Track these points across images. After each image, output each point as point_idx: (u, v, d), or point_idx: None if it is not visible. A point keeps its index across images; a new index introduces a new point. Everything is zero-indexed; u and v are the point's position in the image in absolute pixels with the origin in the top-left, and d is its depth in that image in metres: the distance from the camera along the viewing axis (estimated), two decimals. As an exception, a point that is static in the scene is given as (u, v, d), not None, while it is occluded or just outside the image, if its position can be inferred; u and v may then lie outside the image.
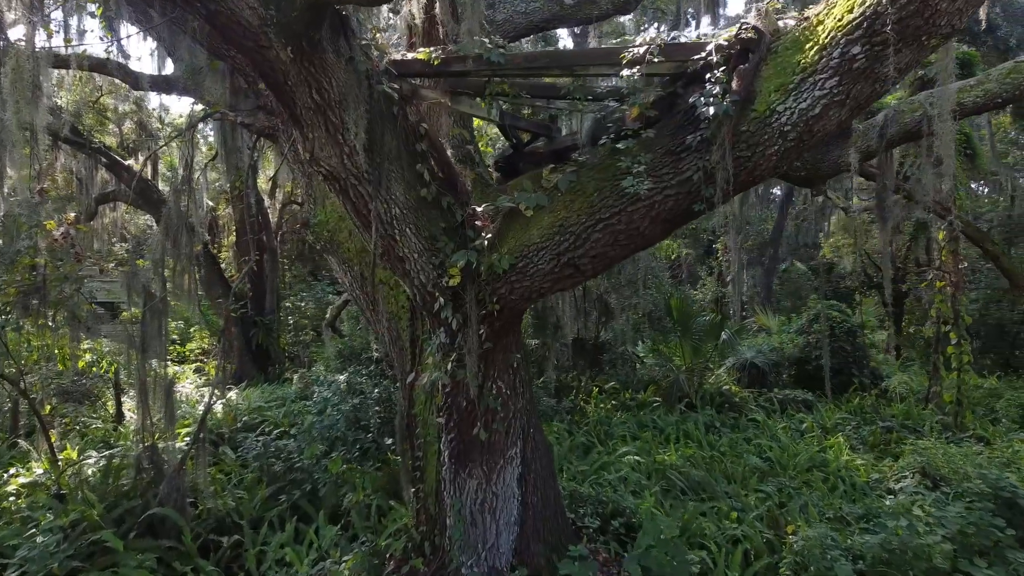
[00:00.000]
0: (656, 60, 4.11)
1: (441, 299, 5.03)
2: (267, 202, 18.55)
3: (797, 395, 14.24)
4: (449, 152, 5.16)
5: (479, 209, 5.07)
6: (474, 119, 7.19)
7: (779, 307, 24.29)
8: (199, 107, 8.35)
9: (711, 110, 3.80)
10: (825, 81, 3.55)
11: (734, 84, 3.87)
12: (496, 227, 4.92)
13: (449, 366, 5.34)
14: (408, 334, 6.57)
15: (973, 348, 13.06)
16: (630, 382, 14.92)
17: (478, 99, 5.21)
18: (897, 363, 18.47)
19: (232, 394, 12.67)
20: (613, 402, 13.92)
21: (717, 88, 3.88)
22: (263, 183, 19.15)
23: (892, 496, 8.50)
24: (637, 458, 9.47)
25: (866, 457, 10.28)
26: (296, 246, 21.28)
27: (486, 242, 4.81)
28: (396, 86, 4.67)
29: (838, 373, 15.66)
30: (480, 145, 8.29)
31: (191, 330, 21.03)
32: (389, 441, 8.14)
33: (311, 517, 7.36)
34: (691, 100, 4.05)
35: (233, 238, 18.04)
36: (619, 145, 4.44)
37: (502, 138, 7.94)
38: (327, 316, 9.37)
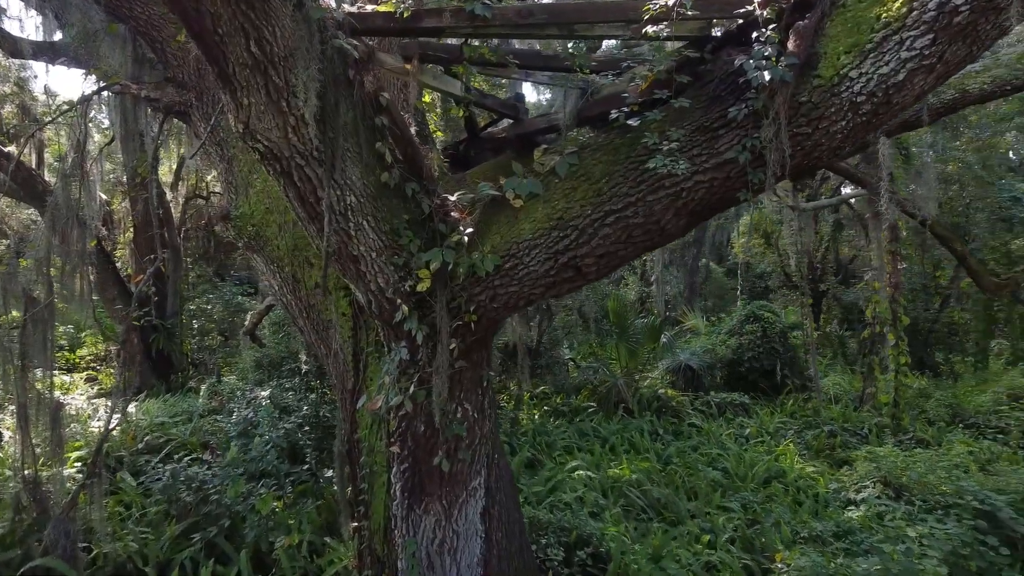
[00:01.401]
0: (689, 13, 3.33)
1: (404, 307, 4.14)
2: (169, 195, 16.99)
3: (734, 398, 13.96)
4: (414, 130, 4.26)
5: (452, 198, 4.20)
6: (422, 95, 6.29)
7: (703, 307, 24.21)
8: (93, 79, 7.11)
9: (766, 75, 3.05)
10: (916, 39, 2.86)
11: (791, 44, 3.15)
12: (475, 220, 4.07)
13: (411, 387, 4.46)
14: (350, 346, 5.63)
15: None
16: (563, 387, 14.33)
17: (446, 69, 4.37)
18: (823, 364, 18.53)
19: (130, 408, 11.26)
20: (546, 408, 13.28)
21: (769, 49, 3.15)
22: (165, 174, 17.57)
23: (855, 507, 8.13)
24: (589, 473, 8.81)
25: (818, 465, 9.95)
26: (201, 244, 19.69)
27: (465, 238, 3.95)
28: (355, 42, 3.76)
29: (770, 374, 15.52)
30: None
31: (82, 335, 19.15)
32: (329, 474, 7.09)
33: (230, 559, 6.31)
34: (737, 63, 3.30)
35: (131, 234, 16.38)
36: (631, 121, 3.66)
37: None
38: (247, 323, 8.29)
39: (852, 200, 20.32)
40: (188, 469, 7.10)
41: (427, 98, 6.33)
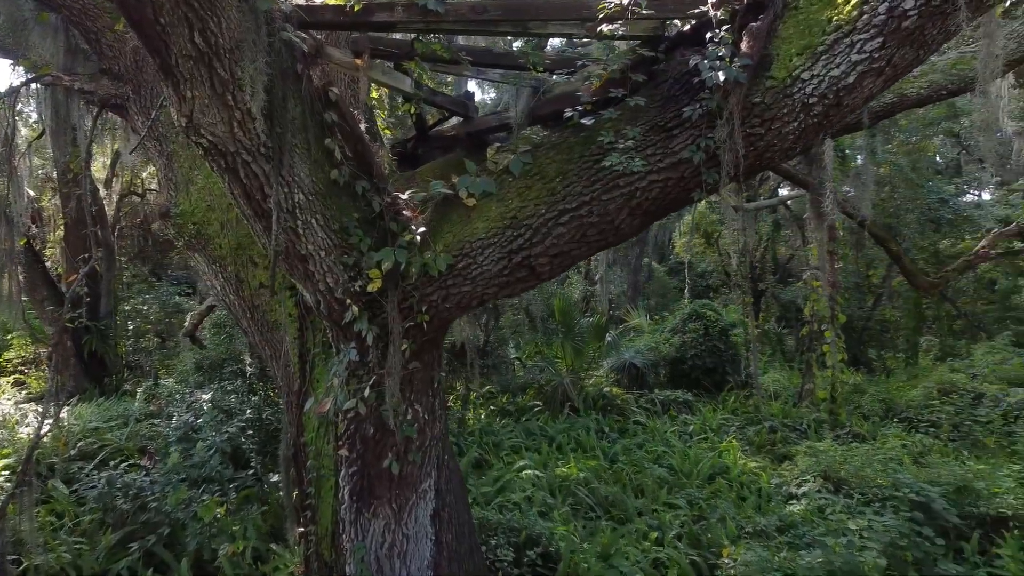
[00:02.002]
0: (643, 13, 3.33)
1: (354, 308, 4.05)
2: (102, 192, 16.38)
3: (678, 396, 14.15)
4: (363, 127, 4.17)
5: (403, 197, 4.12)
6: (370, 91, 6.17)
7: (646, 306, 24.49)
8: (21, 71, 6.80)
9: (720, 76, 3.07)
10: (866, 43, 2.91)
11: (744, 45, 3.18)
12: (428, 219, 4.01)
13: (362, 389, 4.37)
14: (296, 348, 5.49)
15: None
16: (509, 386, 14.33)
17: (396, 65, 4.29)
18: (763, 361, 18.92)
19: (63, 412, 10.80)
20: (492, 407, 13.26)
21: (723, 50, 3.17)
22: (98, 170, 16.93)
23: (797, 501, 8.31)
24: (536, 472, 8.80)
25: (760, 460, 10.14)
26: (137, 242, 19.06)
27: (417, 237, 3.89)
28: (304, 35, 3.66)
29: (712, 372, 15.79)
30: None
31: (9, 337, 18.35)
32: (275, 479, 6.91)
33: (170, 568, 6.11)
34: (692, 63, 3.32)
35: (62, 233, 15.75)
36: (585, 120, 3.65)
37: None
38: (186, 324, 8.01)
39: (789, 201, 20.84)
40: (125, 476, 6.85)
41: (375, 94, 6.22)
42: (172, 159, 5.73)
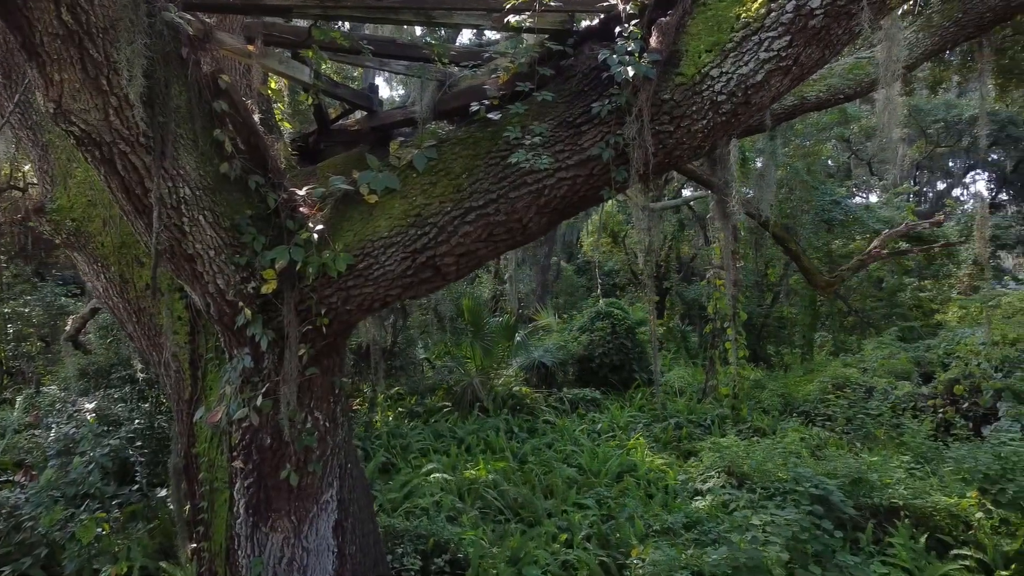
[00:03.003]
0: (551, 5, 3.22)
1: (246, 311, 3.79)
2: (-24, 186, 15.21)
3: (586, 394, 14.25)
4: (257, 118, 3.91)
5: (300, 193, 3.89)
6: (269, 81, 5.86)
7: (555, 304, 24.63)
8: None
9: (629, 71, 2.99)
10: (773, 41, 2.89)
11: (653, 41, 3.11)
12: (327, 216, 3.78)
13: (255, 397, 4.11)
14: (187, 353, 5.16)
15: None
16: (417, 387, 14.10)
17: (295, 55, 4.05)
18: (668, 358, 19.29)
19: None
20: (400, 409, 13.02)
21: (632, 45, 3.09)
22: (-30, 162, 15.72)
23: (702, 497, 8.44)
24: (445, 476, 8.64)
25: (667, 457, 10.27)
26: (17, 240, 17.80)
27: (315, 236, 3.66)
28: (189, 17, 3.38)
29: (620, 370, 15.98)
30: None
31: None
32: (163, 493, 6.47)
33: (48, 592, 5.66)
34: (600, 58, 3.22)
35: (-71, 229, 14.55)
36: (492, 115, 3.52)
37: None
38: (67, 328, 7.46)
39: (692, 202, 21.37)
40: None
41: (273, 85, 5.92)
42: (48, 150, 5.29)
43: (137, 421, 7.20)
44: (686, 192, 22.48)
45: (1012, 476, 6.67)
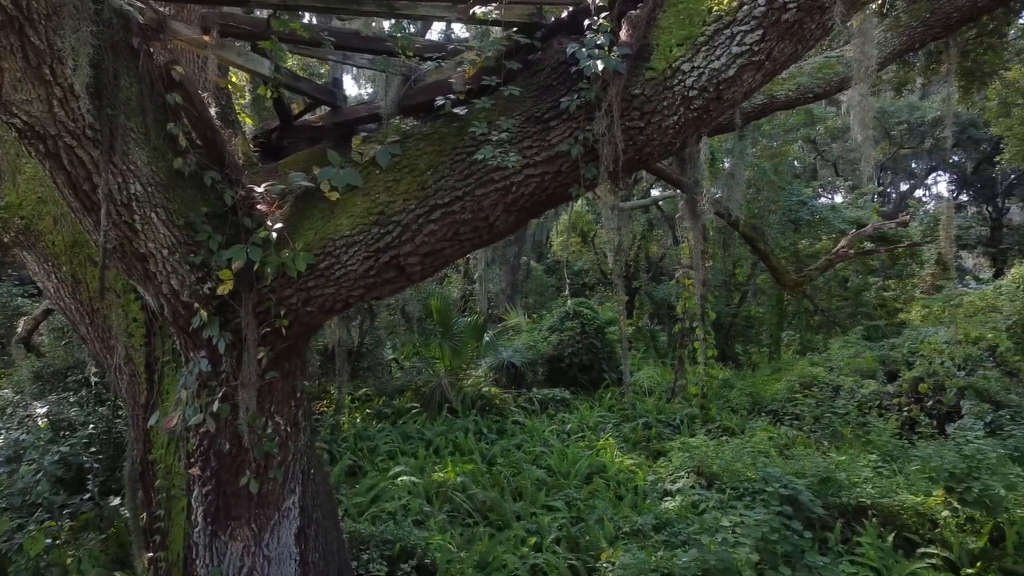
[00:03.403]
0: (519, -4, 3.12)
1: (202, 313, 3.64)
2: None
3: (555, 394, 14.19)
4: (213, 111, 3.75)
5: (259, 189, 3.74)
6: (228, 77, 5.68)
7: (524, 304, 24.56)
8: None
9: (599, 65, 2.90)
10: (746, 35, 2.81)
11: (623, 34, 3.02)
12: (286, 214, 3.64)
13: (213, 402, 3.96)
14: (143, 356, 4.97)
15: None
16: (385, 388, 13.93)
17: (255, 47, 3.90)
18: (637, 357, 19.32)
19: None
20: (368, 411, 12.84)
21: (602, 38, 2.99)
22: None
23: (671, 498, 8.41)
24: (413, 479, 8.50)
25: (636, 457, 10.23)
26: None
27: (274, 234, 3.51)
28: (140, 4, 3.22)
29: (589, 369, 15.94)
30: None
31: None
32: (117, 502, 6.23)
33: (-4, 605, 5.42)
34: (569, 51, 3.12)
35: None
36: (458, 110, 3.40)
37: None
38: (19, 329, 7.18)
39: (661, 202, 21.44)
40: (-57, 503, 6.02)
41: (235, 79, 5.75)
42: (-6, 144, 5.07)
43: (92, 426, 6.95)
44: (655, 192, 22.57)
45: (978, 475, 6.71)
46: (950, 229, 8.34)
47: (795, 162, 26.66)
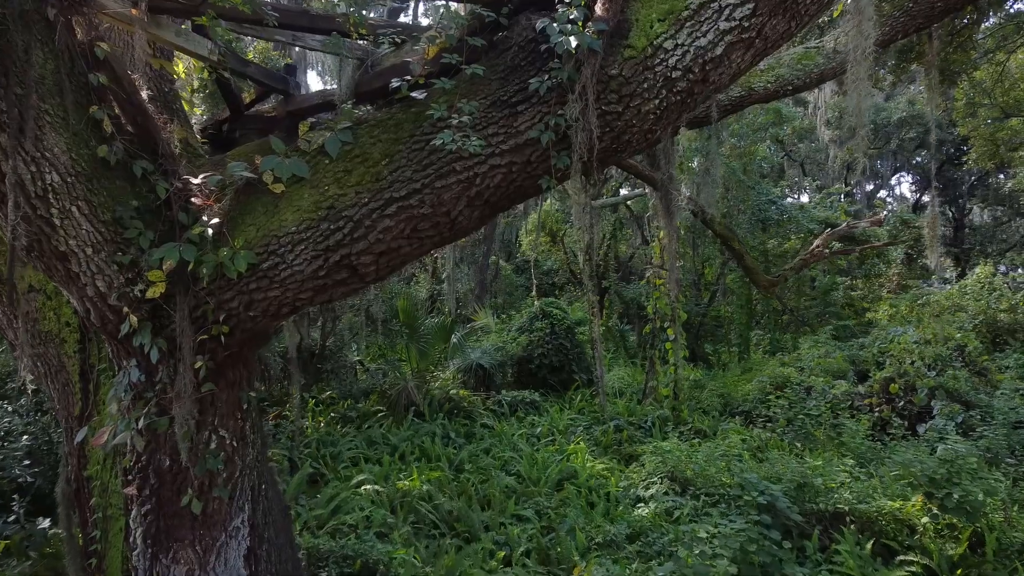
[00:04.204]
0: (485, -35, 2.79)
1: (132, 318, 3.27)
2: None
3: (525, 396, 13.91)
4: (146, 94, 3.38)
5: (196, 181, 3.36)
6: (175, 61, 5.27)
7: (493, 304, 24.26)
8: None
9: (572, 42, 2.59)
10: (735, 9, 2.53)
11: (599, 8, 2.72)
12: (225, 208, 3.27)
13: (147, 415, 3.59)
14: (76, 364, 4.59)
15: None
16: (351, 391, 13.51)
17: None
18: (607, 358, 19.11)
19: None
20: (333, 414, 12.42)
21: (575, 12, 2.69)
22: None
23: (645, 505, 8.16)
24: (376, 488, 8.12)
25: (608, 462, 9.97)
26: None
27: (210, 230, 3.15)
28: (52, -30, 2.85)
29: (559, 371, 15.70)
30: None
31: None
32: (47, 524, 5.77)
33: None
34: (539, 27, 2.80)
35: None
36: (416, 94, 3.08)
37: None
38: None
39: (629, 201, 21.27)
40: None
41: (180, 66, 5.36)
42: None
43: (26, 437, 6.48)
44: (623, 191, 22.38)
45: (958, 480, 6.54)
46: (935, 229, 8.18)
47: (762, 162, 26.71)
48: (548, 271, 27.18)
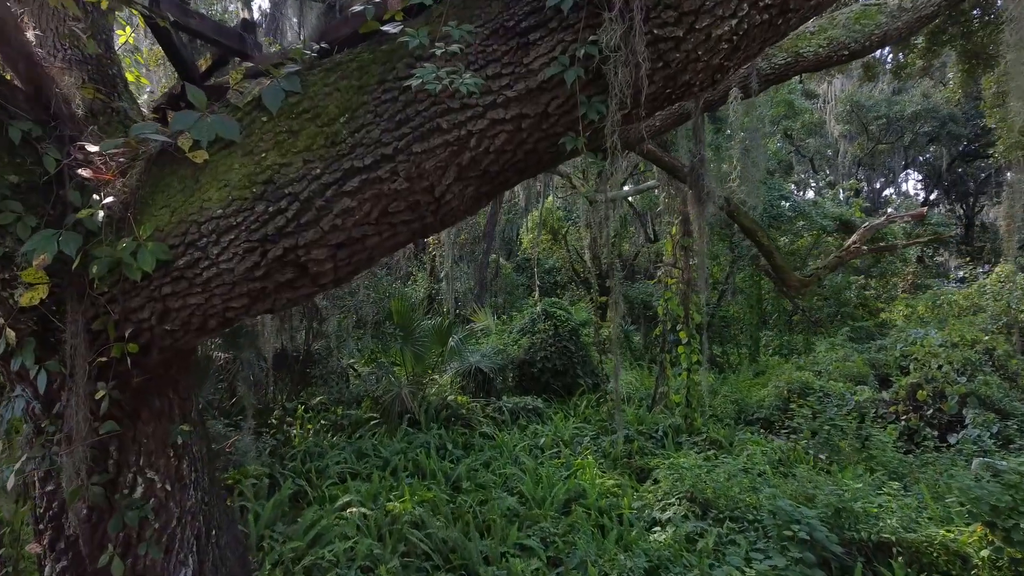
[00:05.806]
0: None
1: (9, 332, 2.43)
2: None
3: (527, 402, 13.07)
4: (32, 34, 2.53)
5: (94, 149, 2.51)
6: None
7: (493, 304, 23.45)
8: None
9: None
10: None
11: None
12: (132, 185, 2.42)
13: (46, 456, 2.75)
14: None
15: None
16: (343, 398, 12.67)
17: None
18: (612, 361, 18.28)
19: None
20: (323, 422, 11.58)
21: None
22: None
23: (661, 529, 7.34)
24: (363, 511, 7.26)
25: (618, 477, 9.14)
26: None
27: (101, 213, 2.30)
28: None
29: (563, 375, 14.90)
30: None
31: None
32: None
33: None
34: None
35: None
36: (389, 28, 2.22)
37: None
38: None
39: (632, 197, 20.44)
40: None
41: (130, 39, 4.52)
42: None
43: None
44: (626, 188, 21.56)
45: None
46: (1015, 206, 7.27)
47: (771, 157, 25.92)
48: (550, 270, 26.35)
